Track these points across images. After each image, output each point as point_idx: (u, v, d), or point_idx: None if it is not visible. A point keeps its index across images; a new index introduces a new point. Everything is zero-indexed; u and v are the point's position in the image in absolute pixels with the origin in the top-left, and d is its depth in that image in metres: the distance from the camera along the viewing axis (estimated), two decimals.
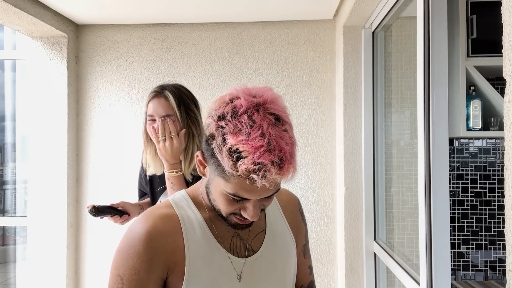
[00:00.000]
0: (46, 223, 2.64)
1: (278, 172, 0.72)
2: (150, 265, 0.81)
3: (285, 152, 0.73)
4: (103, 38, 2.75)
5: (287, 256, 0.95)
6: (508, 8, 0.70)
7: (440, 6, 1.41)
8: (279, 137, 0.73)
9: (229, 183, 0.76)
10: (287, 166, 0.73)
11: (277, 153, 0.72)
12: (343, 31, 2.41)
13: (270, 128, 0.73)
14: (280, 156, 0.72)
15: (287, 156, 0.73)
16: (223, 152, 0.73)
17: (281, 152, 0.72)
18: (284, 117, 0.77)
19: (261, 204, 0.82)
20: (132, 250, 0.81)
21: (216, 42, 2.72)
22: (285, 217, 0.99)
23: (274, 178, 0.72)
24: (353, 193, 2.39)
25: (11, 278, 3.26)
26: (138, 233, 0.82)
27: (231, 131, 0.73)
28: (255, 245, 0.91)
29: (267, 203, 0.83)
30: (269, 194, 0.78)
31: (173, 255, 0.82)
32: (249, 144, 0.71)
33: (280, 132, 0.74)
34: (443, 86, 1.40)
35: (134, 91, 2.74)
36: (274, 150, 0.72)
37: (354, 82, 2.40)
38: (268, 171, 0.71)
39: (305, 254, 1.05)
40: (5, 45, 3.07)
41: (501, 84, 2.21)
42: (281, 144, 0.73)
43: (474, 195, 2.31)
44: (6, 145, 3.26)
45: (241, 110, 0.74)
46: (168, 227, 0.83)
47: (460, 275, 2.30)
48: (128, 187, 2.65)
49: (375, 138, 2.34)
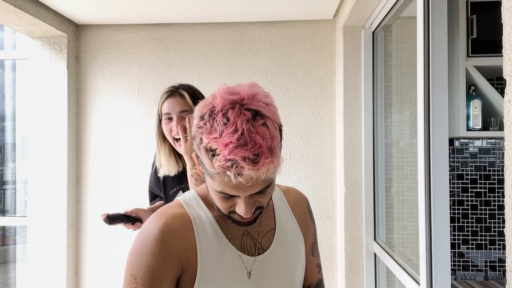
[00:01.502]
0: (46, 223, 2.64)
1: (252, 167, 0.70)
2: (164, 263, 0.81)
3: (261, 146, 0.71)
4: (103, 38, 2.75)
5: (296, 255, 0.96)
6: (508, 8, 0.70)
7: (440, 6, 1.41)
8: (255, 132, 0.72)
9: (215, 181, 0.77)
10: (262, 161, 0.71)
11: (250, 148, 0.70)
12: (343, 31, 2.41)
13: (245, 124, 0.71)
14: (255, 151, 0.71)
15: (263, 151, 0.71)
16: (202, 151, 0.75)
17: (255, 147, 0.71)
18: (264, 112, 0.75)
19: (256, 201, 0.80)
20: (146, 249, 0.81)
21: (216, 42, 2.72)
22: (294, 215, 1.00)
23: (248, 174, 0.71)
24: (353, 193, 2.39)
25: (11, 278, 3.26)
26: (152, 232, 0.82)
27: (207, 130, 0.74)
28: (265, 243, 0.92)
29: (262, 200, 0.81)
30: (257, 191, 0.77)
31: (186, 253, 0.83)
32: (220, 141, 0.71)
33: (256, 127, 0.72)
34: (443, 86, 1.40)
35: (134, 91, 2.74)
36: (247, 145, 0.70)
37: (354, 82, 2.40)
38: (241, 167, 0.70)
39: (313, 253, 1.06)
40: (5, 45, 3.07)
41: (501, 84, 2.21)
42: (256, 138, 0.71)
43: (474, 195, 2.31)
44: (6, 145, 3.26)
45: (217, 109, 0.74)
46: (180, 226, 0.84)
47: (460, 275, 2.30)
48: (128, 187, 2.65)
49: (375, 138, 2.34)
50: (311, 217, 1.05)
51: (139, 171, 2.61)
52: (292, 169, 2.66)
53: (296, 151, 2.65)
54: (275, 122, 0.76)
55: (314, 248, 1.06)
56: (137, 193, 1.79)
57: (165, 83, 2.72)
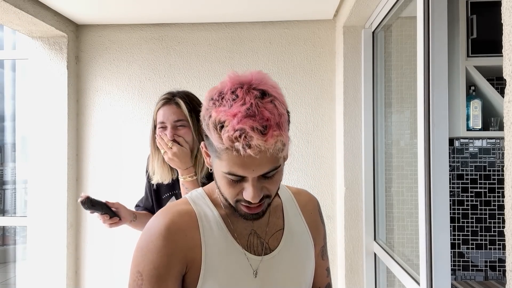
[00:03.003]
0: (46, 223, 2.64)
1: (261, 138, 0.70)
2: (169, 260, 0.81)
3: (269, 119, 0.72)
4: (103, 38, 2.75)
5: (304, 256, 0.95)
6: (508, 8, 0.70)
7: (440, 6, 1.41)
8: (263, 107, 0.73)
9: (222, 161, 0.76)
10: (271, 133, 0.71)
11: (258, 119, 0.71)
12: (343, 31, 2.41)
13: (253, 100, 0.73)
14: (263, 123, 0.71)
15: (272, 124, 0.72)
16: (210, 126, 0.74)
17: (263, 119, 0.71)
18: (272, 92, 0.76)
19: (264, 188, 0.79)
20: (151, 245, 0.82)
21: (216, 42, 2.72)
22: (304, 217, 0.99)
23: (257, 144, 0.70)
24: (353, 193, 2.39)
25: (11, 278, 3.26)
26: (157, 229, 0.82)
27: (216, 107, 0.75)
28: (272, 243, 0.91)
29: (270, 186, 0.80)
30: (265, 171, 0.76)
31: (191, 250, 0.83)
32: (229, 111, 0.72)
33: (265, 103, 0.74)
34: (443, 86, 1.40)
35: (134, 91, 2.74)
36: (255, 116, 0.71)
37: (354, 82, 2.40)
38: (250, 137, 0.70)
39: (323, 256, 1.04)
40: (5, 45, 3.07)
41: (501, 84, 2.21)
42: (264, 112, 0.72)
43: (474, 195, 2.31)
44: (6, 145, 3.26)
45: (226, 89, 0.76)
46: (186, 223, 0.84)
47: (460, 275, 2.30)
48: (128, 187, 2.65)
49: (375, 138, 2.34)
50: (322, 220, 1.04)
51: (139, 171, 2.60)
52: (292, 169, 2.66)
53: (296, 151, 2.65)
54: (282, 103, 0.77)
55: (323, 251, 1.05)
56: (137, 193, 1.79)
57: (165, 83, 2.72)
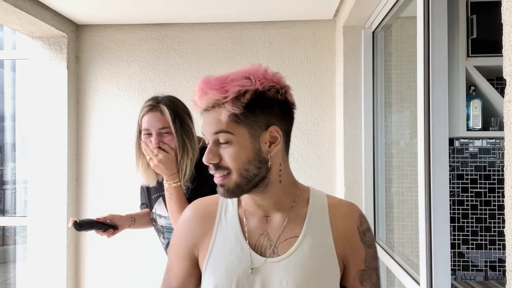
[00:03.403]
0: (46, 223, 2.64)
1: (197, 94, 0.83)
2: (186, 241, 0.95)
3: (210, 83, 0.82)
4: (103, 38, 2.75)
5: (318, 271, 0.87)
6: (508, 8, 0.70)
7: (440, 6, 1.41)
8: (222, 77, 0.83)
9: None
10: (204, 91, 0.82)
11: (205, 84, 0.83)
12: (343, 31, 2.40)
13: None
14: (205, 86, 0.82)
15: (209, 86, 0.82)
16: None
17: (207, 83, 0.83)
18: (238, 73, 0.85)
19: (221, 156, 0.84)
20: (178, 226, 0.99)
21: (216, 42, 2.72)
22: (333, 232, 0.90)
23: (194, 100, 0.85)
24: (353, 193, 2.39)
25: (11, 278, 3.26)
26: (184, 214, 0.99)
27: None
28: (282, 249, 0.88)
29: (226, 157, 0.84)
30: (212, 131, 0.83)
31: (204, 237, 0.93)
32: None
33: (226, 76, 0.84)
34: (443, 86, 1.40)
35: (134, 91, 2.74)
36: (207, 82, 0.83)
37: (354, 82, 2.40)
38: (194, 94, 0.85)
39: (362, 281, 0.92)
40: (5, 45, 3.07)
41: (501, 84, 2.21)
42: (213, 80, 0.83)
43: (474, 195, 2.31)
44: (6, 145, 3.26)
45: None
46: (206, 213, 0.95)
47: (460, 275, 2.29)
48: (128, 187, 2.65)
49: (375, 138, 2.34)
50: (363, 240, 0.92)
51: None
52: (292, 169, 2.64)
53: (296, 151, 2.65)
54: (241, 81, 0.82)
55: (363, 276, 0.92)
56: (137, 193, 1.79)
57: (165, 83, 2.72)
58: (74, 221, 1.49)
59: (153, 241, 1.94)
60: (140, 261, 2.67)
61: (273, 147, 0.85)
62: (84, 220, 1.54)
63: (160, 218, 1.66)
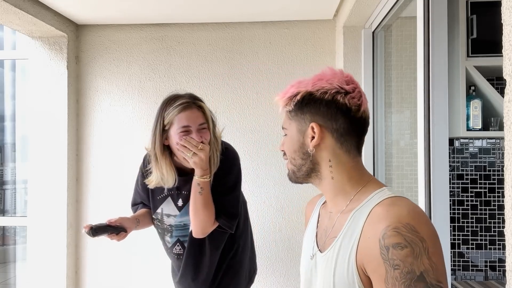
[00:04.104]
0: (46, 223, 2.64)
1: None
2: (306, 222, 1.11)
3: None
4: (103, 38, 2.75)
5: (334, 279, 0.85)
6: (508, 8, 0.70)
7: (440, 6, 1.41)
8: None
9: None
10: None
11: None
12: (343, 31, 2.40)
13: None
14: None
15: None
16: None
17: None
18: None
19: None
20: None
21: (216, 42, 2.72)
22: (360, 239, 0.82)
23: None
24: None
25: (11, 278, 3.26)
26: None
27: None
28: (326, 246, 0.91)
29: (284, 142, 0.98)
30: (282, 124, 0.98)
31: (307, 222, 1.10)
32: None
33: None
34: (443, 86, 1.40)
35: (134, 91, 2.74)
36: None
37: None
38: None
39: None
40: (5, 45, 3.07)
41: (501, 84, 2.21)
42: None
43: (474, 195, 2.31)
44: (6, 145, 3.26)
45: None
46: (312, 204, 1.12)
47: (460, 275, 2.29)
48: (128, 187, 2.64)
49: (375, 138, 2.34)
50: (384, 257, 0.76)
51: None
52: None
53: None
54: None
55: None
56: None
57: (165, 83, 2.72)
58: (90, 227, 1.47)
59: (153, 241, 1.94)
60: (140, 261, 2.67)
61: (313, 142, 0.90)
62: (98, 225, 1.52)
63: (169, 218, 1.66)
